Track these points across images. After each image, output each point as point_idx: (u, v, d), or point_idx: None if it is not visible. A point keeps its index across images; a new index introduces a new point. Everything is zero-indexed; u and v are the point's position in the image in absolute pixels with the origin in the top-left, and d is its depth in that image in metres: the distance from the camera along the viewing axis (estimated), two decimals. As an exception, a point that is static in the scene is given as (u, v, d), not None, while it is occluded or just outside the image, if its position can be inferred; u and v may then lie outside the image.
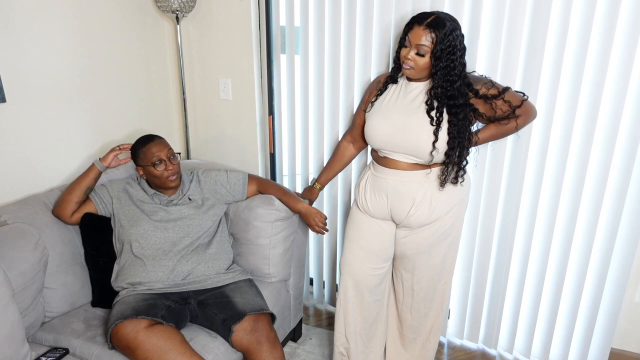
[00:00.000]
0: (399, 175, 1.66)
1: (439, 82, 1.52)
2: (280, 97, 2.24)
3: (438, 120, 1.55)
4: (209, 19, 2.21)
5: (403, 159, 1.64)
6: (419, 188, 1.64)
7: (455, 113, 1.54)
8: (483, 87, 1.58)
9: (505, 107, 1.58)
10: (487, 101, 1.58)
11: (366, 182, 1.77)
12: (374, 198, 1.73)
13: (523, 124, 1.66)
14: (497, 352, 2.15)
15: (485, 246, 1.99)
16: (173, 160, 1.81)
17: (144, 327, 1.49)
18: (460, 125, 1.55)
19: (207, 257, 1.80)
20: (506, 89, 1.58)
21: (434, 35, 1.47)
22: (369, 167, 1.79)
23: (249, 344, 1.60)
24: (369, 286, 1.84)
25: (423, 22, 1.48)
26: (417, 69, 1.53)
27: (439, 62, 1.49)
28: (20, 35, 1.71)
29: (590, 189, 1.77)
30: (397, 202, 1.68)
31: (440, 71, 1.50)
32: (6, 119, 1.72)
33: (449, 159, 1.58)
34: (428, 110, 1.56)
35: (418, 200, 1.64)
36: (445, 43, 1.46)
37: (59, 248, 1.72)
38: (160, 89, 2.36)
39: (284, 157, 2.34)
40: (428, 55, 1.50)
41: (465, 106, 1.56)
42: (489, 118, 1.62)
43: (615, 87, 1.63)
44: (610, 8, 1.56)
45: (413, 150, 1.60)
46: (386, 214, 1.73)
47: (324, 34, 2.01)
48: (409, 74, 1.58)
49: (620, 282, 1.83)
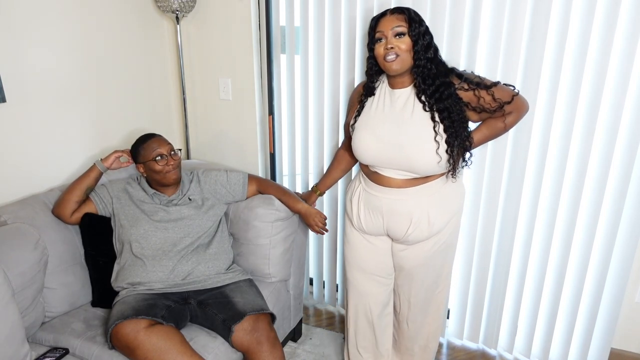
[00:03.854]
0: (394, 194, 1.58)
1: (422, 60, 1.47)
2: (280, 97, 2.24)
3: (441, 117, 1.47)
4: (209, 19, 2.21)
5: (397, 175, 1.57)
6: (415, 206, 1.57)
7: (441, 96, 1.47)
8: (468, 77, 1.54)
9: (488, 97, 1.50)
10: (471, 88, 1.51)
11: (359, 199, 1.69)
12: (369, 217, 1.67)
13: (515, 121, 1.58)
14: (497, 352, 2.15)
15: (485, 246, 1.99)
16: (174, 156, 1.81)
17: (144, 327, 1.49)
18: (451, 110, 1.48)
19: (207, 257, 1.80)
20: (495, 83, 1.52)
21: (404, 15, 1.46)
22: (360, 181, 1.70)
23: (249, 344, 1.60)
24: (377, 303, 1.83)
25: (387, 13, 1.49)
26: (402, 53, 1.46)
27: (418, 38, 1.45)
28: (20, 35, 1.71)
29: (590, 188, 1.77)
30: (394, 222, 1.62)
31: (422, 50, 1.46)
32: (6, 119, 1.72)
33: (451, 157, 1.50)
34: (424, 107, 1.49)
35: (416, 219, 1.58)
36: (416, 19, 1.46)
37: (59, 248, 1.72)
38: (160, 89, 2.36)
39: (284, 157, 2.34)
40: (407, 35, 1.46)
41: (448, 85, 1.49)
42: (474, 108, 1.53)
43: (615, 86, 1.63)
44: (610, 7, 1.56)
45: (409, 166, 1.53)
46: (382, 232, 1.69)
47: (324, 34, 2.01)
48: (395, 67, 1.48)
49: (620, 282, 1.83)
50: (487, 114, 1.55)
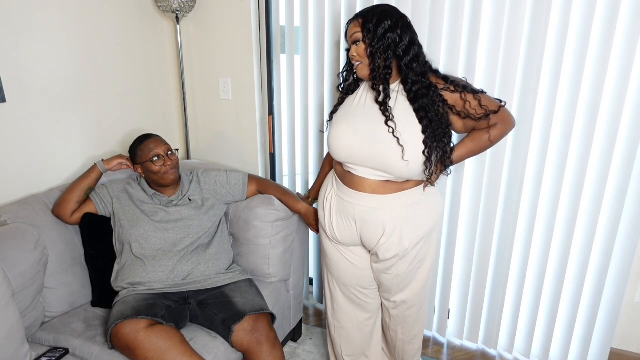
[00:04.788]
0: (366, 200, 1.52)
1: (376, 62, 1.42)
2: (280, 97, 2.24)
3: (418, 116, 1.43)
4: (209, 19, 2.21)
5: (371, 175, 1.50)
6: (389, 216, 1.52)
7: (416, 96, 1.43)
8: (455, 79, 1.51)
9: (475, 102, 1.46)
10: (457, 91, 1.47)
11: (331, 206, 1.63)
12: (341, 224, 1.61)
13: (500, 135, 1.54)
14: (497, 352, 2.15)
15: (485, 246, 1.99)
16: (171, 156, 1.81)
17: (144, 327, 1.49)
18: (428, 109, 1.43)
19: (207, 257, 1.80)
20: (482, 91, 1.50)
21: (360, 21, 1.44)
22: (332, 185, 1.64)
23: (249, 344, 1.60)
24: (364, 309, 1.80)
25: (350, 21, 1.48)
26: (362, 59, 1.45)
27: (373, 41, 1.42)
28: (20, 35, 1.71)
29: (590, 188, 1.77)
30: (366, 229, 1.56)
31: (379, 51, 1.41)
32: (6, 119, 1.72)
33: (429, 160, 1.45)
34: (380, 107, 1.44)
35: (389, 230, 1.53)
36: (372, 21, 1.41)
37: (59, 248, 1.72)
38: (160, 89, 2.36)
39: (284, 157, 2.34)
40: (362, 41, 1.44)
41: (426, 86, 1.44)
42: (459, 112, 1.48)
43: (615, 86, 1.63)
44: (610, 8, 1.56)
45: (383, 164, 1.46)
46: (356, 241, 1.63)
47: (324, 34, 2.01)
48: (360, 73, 1.48)
49: (620, 282, 1.83)
50: (472, 122, 1.50)
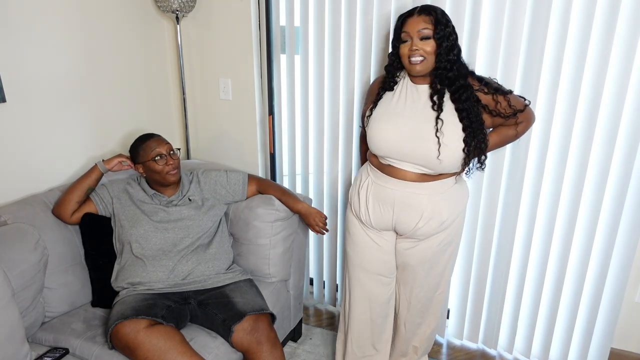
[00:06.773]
0: (408, 187, 1.58)
1: (442, 62, 1.48)
2: (280, 97, 2.24)
3: (460, 117, 1.50)
4: (209, 19, 2.21)
5: (411, 169, 1.57)
6: (428, 201, 1.58)
7: (460, 97, 1.49)
8: (489, 81, 1.57)
9: (505, 103, 1.55)
10: (490, 92, 1.55)
11: (367, 192, 1.67)
12: (378, 209, 1.65)
13: (524, 131, 1.66)
14: (497, 352, 2.15)
15: (485, 246, 1.99)
16: (173, 156, 1.81)
17: (144, 327, 1.49)
18: (469, 111, 1.50)
19: (207, 257, 1.80)
20: (511, 91, 1.58)
21: (430, 17, 1.46)
22: (368, 174, 1.69)
23: (249, 344, 1.60)
24: (379, 302, 1.82)
25: (414, 12, 1.49)
26: (428, 55, 1.48)
27: (443, 41, 1.46)
28: (20, 35, 1.71)
29: (590, 188, 1.77)
30: (404, 215, 1.61)
31: (444, 52, 1.47)
32: (6, 119, 1.72)
33: (468, 157, 1.53)
34: (432, 105, 1.51)
35: (427, 214, 1.59)
36: (442, 21, 1.46)
37: (59, 248, 1.72)
38: (160, 89, 2.36)
39: (284, 157, 2.35)
40: (432, 38, 1.47)
41: (467, 87, 1.51)
42: (491, 111, 1.56)
43: (615, 86, 1.63)
44: (610, 8, 1.56)
45: (426, 161, 1.54)
46: (389, 226, 1.68)
47: (324, 34, 2.01)
48: (419, 68, 1.50)
49: (620, 282, 1.83)
50: (500, 120, 1.59)
